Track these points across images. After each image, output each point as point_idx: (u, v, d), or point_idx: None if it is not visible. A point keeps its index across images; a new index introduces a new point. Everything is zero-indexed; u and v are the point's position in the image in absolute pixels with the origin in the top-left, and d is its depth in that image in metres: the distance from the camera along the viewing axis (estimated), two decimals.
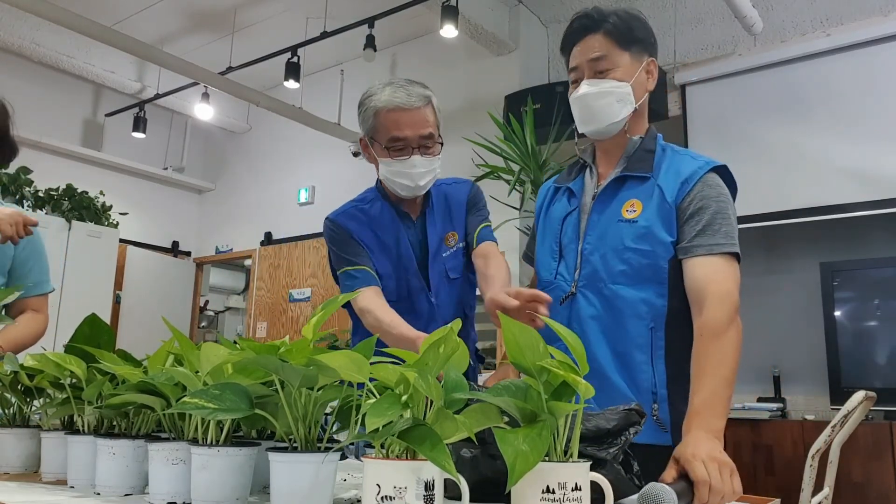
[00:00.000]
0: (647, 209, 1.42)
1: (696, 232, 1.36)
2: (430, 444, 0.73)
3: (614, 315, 1.40)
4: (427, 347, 0.80)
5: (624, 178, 1.47)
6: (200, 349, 0.92)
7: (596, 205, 1.49)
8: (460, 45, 5.35)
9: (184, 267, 7.11)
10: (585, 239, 1.47)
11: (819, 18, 4.18)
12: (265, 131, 6.88)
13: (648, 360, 1.37)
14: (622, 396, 1.34)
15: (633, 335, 1.38)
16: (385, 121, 1.75)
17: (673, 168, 1.45)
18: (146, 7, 5.51)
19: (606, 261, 1.42)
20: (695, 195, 1.39)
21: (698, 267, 1.35)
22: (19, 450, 1.25)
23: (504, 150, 4.10)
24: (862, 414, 2.08)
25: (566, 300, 1.46)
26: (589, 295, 1.44)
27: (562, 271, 1.50)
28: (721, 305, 1.28)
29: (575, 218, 1.52)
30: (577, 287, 1.45)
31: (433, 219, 1.92)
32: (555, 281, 1.50)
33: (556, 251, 1.53)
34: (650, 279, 1.39)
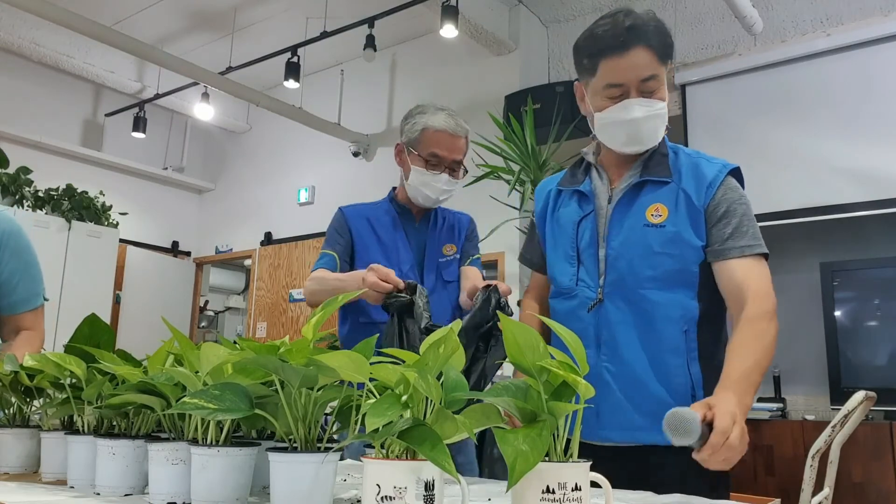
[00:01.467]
0: (674, 213, 1.40)
1: (727, 235, 1.38)
2: (430, 444, 0.73)
3: (646, 320, 1.38)
4: (427, 347, 0.80)
5: (644, 181, 1.45)
6: (200, 349, 0.92)
7: (616, 209, 1.46)
8: (460, 45, 5.35)
9: (184, 267, 7.11)
10: (609, 244, 1.44)
11: (819, 18, 4.18)
12: (265, 131, 6.88)
13: (684, 363, 1.37)
14: (659, 402, 1.33)
15: (666, 339, 1.37)
16: (431, 138, 2.01)
17: (693, 172, 1.44)
18: (146, 7, 5.51)
19: (634, 266, 1.40)
20: (720, 198, 1.40)
21: (734, 269, 1.36)
22: (19, 450, 1.25)
23: (504, 150, 4.10)
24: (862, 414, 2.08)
25: (594, 308, 1.43)
26: (617, 301, 1.41)
27: (583, 277, 1.46)
28: (763, 302, 1.32)
29: (592, 222, 1.49)
30: (603, 293, 1.42)
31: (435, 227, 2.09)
32: (577, 287, 1.47)
33: (573, 256, 1.49)
34: (681, 283, 1.39)
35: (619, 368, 1.38)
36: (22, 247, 1.78)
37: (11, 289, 1.76)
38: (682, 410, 1.02)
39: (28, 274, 1.79)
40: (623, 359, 1.38)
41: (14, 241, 1.76)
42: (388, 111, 5.96)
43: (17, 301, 1.78)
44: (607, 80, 1.42)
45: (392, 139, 5.83)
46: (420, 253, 2.04)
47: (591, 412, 1.38)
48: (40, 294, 1.84)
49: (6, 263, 1.74)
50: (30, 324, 1.81)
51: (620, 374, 1.38)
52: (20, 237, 1.78)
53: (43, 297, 1.85)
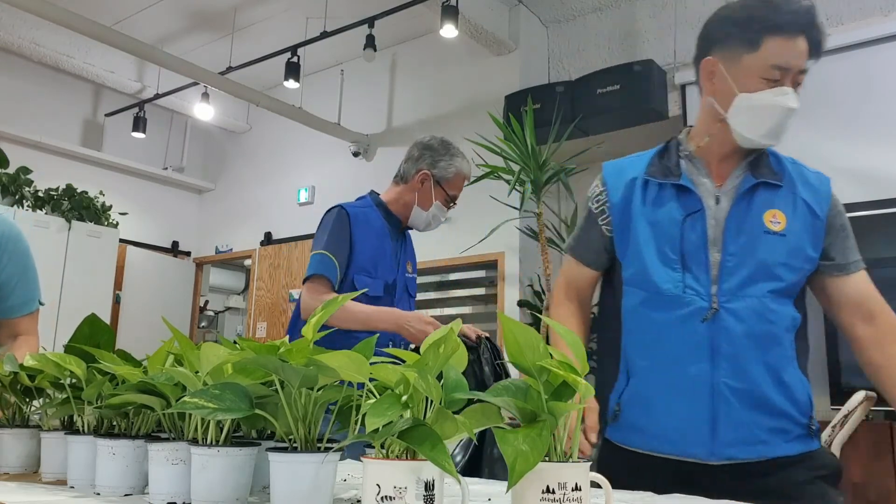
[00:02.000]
0: (792, 222, 1.34)
1: (848, 248, 1.38)
2: (430, 444, 0.73)
3: (767, 332, 1.31)
4: (427, 347, 0.80)
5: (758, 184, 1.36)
6: (200, 349, 0.92)
7: (734, 211, 1.34)
8: (460, 45, 5.35)
9: (184, 267, 7.11)
10: (726, 249, 1.33)
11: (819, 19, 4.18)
12: (265, 131, 6.88)
13: (797, 371, 1.35)
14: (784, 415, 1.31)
15: (784, 350, 1.33)
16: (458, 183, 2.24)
17: (802, 179, 1.39)
18: (146, 7, 5.51)
19: (755, 275, 1.31)
20: (835, 210, 1.39)
21: (860, 282, 1.39)
22: (19, 450, 1.25)
23: (504, 150, 4.10)
24: (862, 414, 2.08)
25: (709, 318, 1.30)
26: (737, 311, 1.30)
27: (691, 284, 1.33)
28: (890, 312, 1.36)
29: (700, 223, 1.35)
30: (718, 302, 1.31)
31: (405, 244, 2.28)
32: (684, 295, 1.33)
33: (675, 260, 1.35)
34: (793, 294, 1.36)
35: (741, 384, 1.30)
36: (21, 251, 1.77)
37: (9, 292, 1.75)
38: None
39: (26, 277, 1.79)
40: (746, 373, 1.30)
41: (13, 244, 1.75)
42: (388, 111, 5.96)
43: (14, 305, 1.78)
44: (774, 61, 1.29)
45: (392, 139, 5.83)
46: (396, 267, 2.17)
47: (705, 429, 1.30)
48: (36, 299, 1.83)
49: (4, 266, 1.73)
50: (25, 328, 1.81)
51: (743, 389, 1.29)
52: (19, 241, 1.78)
53: (39, 302, 1.85)
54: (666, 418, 1.33)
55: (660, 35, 4.67)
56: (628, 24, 4.90)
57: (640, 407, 1.37)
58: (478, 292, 5.23)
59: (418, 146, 2.34)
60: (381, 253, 2.12)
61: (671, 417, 1.33)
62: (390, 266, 2.14)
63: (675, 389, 1.33)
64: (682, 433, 1.32)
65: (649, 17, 4.76)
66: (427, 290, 5.53)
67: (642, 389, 1.37)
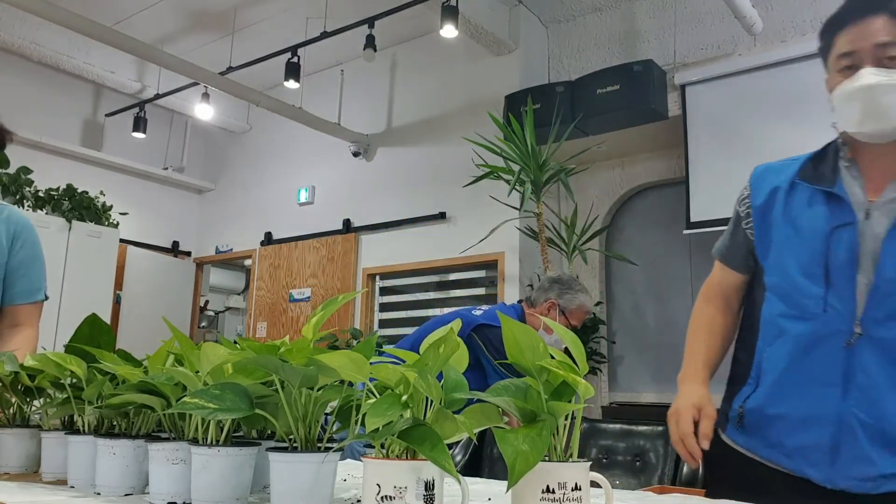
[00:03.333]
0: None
1: None
2: (430, 444, 0.73)
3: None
4: (427, 347, 0.80)
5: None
6: (200, 349, 0.92)
7: (893, 232, 1.20)
8: (460, 45, 5.35)
9: (184, 267, 7.11)
10: (881, 273, 1.20)
11: (819, 18, 4.18)
12: (265, 131, 6.88)
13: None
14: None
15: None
16: (580, 315, 2.63)
17: None
18: (146, 7, 5.51)
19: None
20: None
21: None
22: (19, 450, 1.25)
23: (504, 150, 4.10)
24: None
25: (853, 342, 1.21)
26: (883, 341, 1.20)
27: (833, 303, 1.23)
28: None
29: (849, 237, 1.23)
30: (862, 329, 1.20)
31: None
32: (824, 314, 1.24)
33: (818, 273, 1.25)
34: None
35: (872, 419, 1.21)
36: (33, 240, 1.87)
37: (17, 278, 1.84)
38: None
39: (34, 266, 1.88)
40: (879, 409, 1.21)
41: (27, 233, 1.86)
42: (388, 111, 5.96)
43: (21, 291, 1.84)
44: (839, 51, 1.26)
45: (392, 139, 5.83)
46: None
47: (826, 456, 1.24)
48: (42, 290, 1.90)
49: (17, 252, 1.83)
50: (27, 318, 1.86)
51: (873, 425, 1.21)
52: (32, 231, 1.88)
53: (44, 294, 1.91)
54: (788, 435, 1.28)
55: (660, 35, 4.67)
56: (628, 24, 4.90)
57: (764, 416, 1.32)
58: (478, 292, 5.23)
59: (549, 279, 2.73)
60: None
61: (793, 435, 1.28)
62: None
63: (801, 408, 1.27)
64: (803, 453, 1.27)
65: (649, 17, 4.76)
66: (427, 290, 5.53)
67: (769, 400, 1.32)
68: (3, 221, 1.82)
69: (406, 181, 5.62)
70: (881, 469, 1.20)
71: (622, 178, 5.11)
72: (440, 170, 5.40)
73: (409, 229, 5.51)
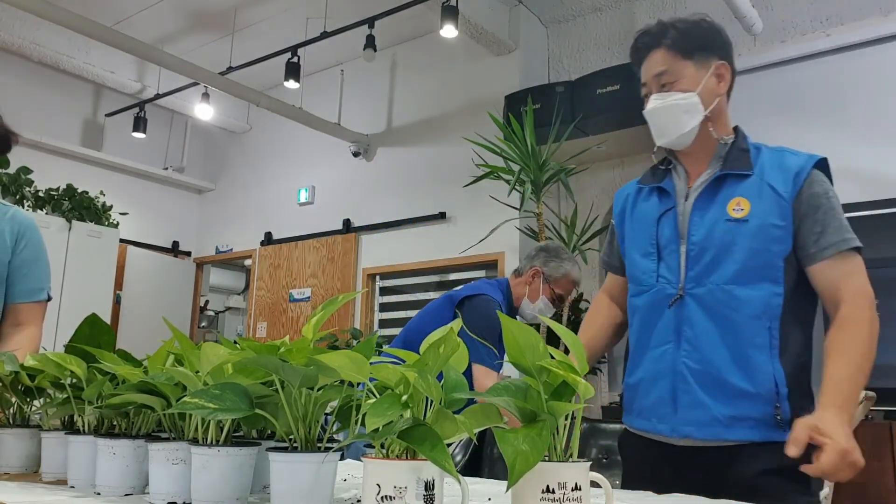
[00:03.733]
0: (757, 207, 1.39)
1: (817, 235, 1.37)
2: (430, 444, 0.73)
3: (729, 316, 1.37)
4: (427, 347, 0.80)
5: (724, 176, 1.44)
6: (201, 349, 0.92)
7: (697, 204, 1.45)
8: (460, 45, 5.35)
9: (184, 267, 7.11)
10: (690, 239, 1.43)
11: (819, 18, 4.18)
12: (265, 131, 6.88)
13: (767, 359, 1.35)
14: (743, 398, 1.34)
15: (750, 335, 1.36)
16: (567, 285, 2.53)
17: (777, 164, 1.43)
18: (146, 7, 5.51)
19: (717, 261, 1.39)
20: (806, 192, 1.38)
21: (828, 269, 1.37)
22: (19, 450, 1.25)
23: (504, 150, 4.10)
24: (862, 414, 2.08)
25: (675, 303, 1.42)
26: (699, 296, 1.40)
27: (664, 273, 1.46)
28: (858, 302, 1.34)
29: (672, 218, 1.48)
30: (684, 289, 1.42)
31: None
32: (657, 284, 1.46)
33: (652, 253, 1.49)
34: (765, 277, 1.37)
35: (699, 365, 1.38)
36: (37, 241, 1.90)
37: (21, 276, 1.85)
38: None
39: (38, 266, 1.90)
40: (704, 355, 1.38)
41: (31, 233, 1.89)
42: (388, 111, 5.96)
43: (24, 290, 1.86)
44: (642, 82, 1.52)
45: (392, 139, 5.83)
46: None
47: (669, 407, 1.40)
48: (45, 289, 1.91)
49: (21, 251, 1.85)
50: (31, 318, 1.87)
51: (701, 370, 1.37)
52: (36, 232, 1.91)
53: (47, 295, 1.93)
54: (644, 398, 1.46)
55: None
56: (628, 24, 4.90)
57: (631, 389, 1.51)
58: None
59: (536, 247, 2.64)
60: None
61: (647, 397, 1.45)
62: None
63: (650, 371, 1.45)
64: (654, 411, 1.44)
65: (649, 17, 4.75)
66: (427, 290, 5.53)
67: (630, 372, 1.52)
68: (8, 221, 1.84)
69: (406, 181, 5.62)
70: (713, 412, 1.35)
71: (622, 178, 5.11)
72: (440, 170, 5.40)
73: (409, 229, 5.50)
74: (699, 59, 1.47)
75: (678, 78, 1.46)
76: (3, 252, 1.82)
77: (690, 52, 1.46)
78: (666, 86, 1.46)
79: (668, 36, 1.46)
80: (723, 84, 1.50)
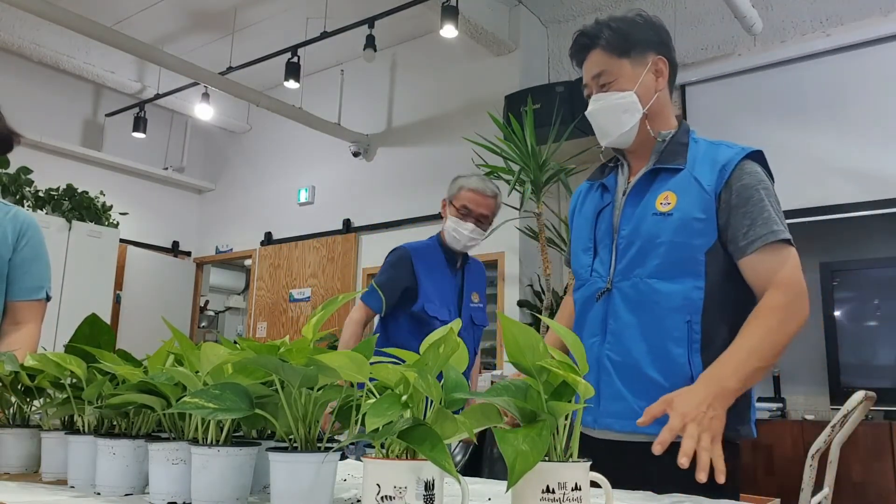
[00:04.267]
0: (682, 201, 1.40)
1: (746, 227, 1.35)
2: (430, 444, 0.73)
3: (650, 309, 1.39)
4: (427, 347, 0.80)
5: (656, 171, 1.46)
6: (200, 349, 0.92)
7: (629, 199, 1.47)
8: (460, 45, 5.35)
9: (184, 267, 7.11)
10: (619, 233, 1.46)
11: (819, 18, 4.18)
12: (265, 131, 6.88)
13: (685, 353, 1.36)
14: (658, 390, 1.33)
15: (669, 329, 1.37)
16: (465, 195, 2.56)
17: (708, 157, 1.43)
18: (146, 7, 5.51)
19: (642, 255, 1.41)
20: (736, 185, 1.37)
21: (756, 263, 1.35)
22: (19, 450, 1.25)
23: (504, 150, 4.10)
24: (862, 414, 2.08)
25: (602, 296, 1.45)
26: (625, 289, 1.42)
27: (597, 267, 1.49)
28: (782, 289, 1.31)
29: (608, 213, 1.51)
30: (612, 283, 1.44)
31: (469, 276, 2.67)
32: (590, 278, 1.50)
33: (590, 247, 1.52)
34: (687, 272, 1.37)
35: (620, 357, 1.40)
36: (38, 240, 1.91)
37: (21, 274, 1.87)
38: None
39: (38, 264, 1.91)
40: (625, 347, 1.40)
41: (32, 232, 1.90)
42: (388, 111, 5.96)
43: (24, 288, 1.87)
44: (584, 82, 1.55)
45: (392, 139, 5.83)
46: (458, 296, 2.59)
47: (594, 399, 1.41)
48: (45, 288, 1.92)
49: (21, 250, 1.86)
50: (29, 316, 1.88)
51: (621, 362, 1.40)
52: (38, 231, 1.92)
53: (47, 294, 1.93)
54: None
55: None
56: None
57: None
58: None
59: None
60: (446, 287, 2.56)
61: None
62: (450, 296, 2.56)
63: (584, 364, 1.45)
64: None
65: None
66: None
67: None
68: (10, 219, 1.86)
69: (406, 181, 5.62)
70: (632, 404, 1.36)
71: None
72: (440, 170, 5.40)
73: (409, 229, 5.50)
74: (635, 56, 1.47)
75: (615, 78, 1.47)
76: (5, 248, 1.83)
77: (626, 51, 1.47)
78: (605, 86, 1.48)
79: (603, 36, 1.48)
80: (661, 79, 1.50)
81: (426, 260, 2.56)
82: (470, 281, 2.67)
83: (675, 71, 1.54)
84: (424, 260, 2.55)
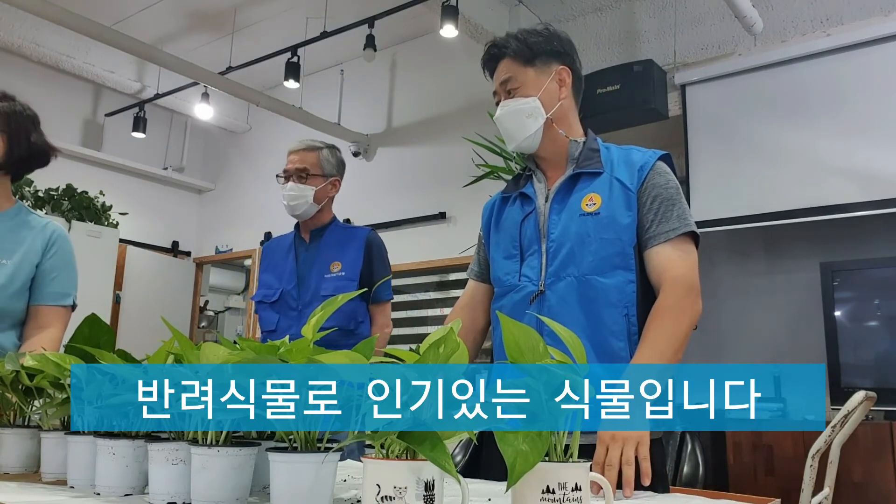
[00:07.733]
0: (607, 200, 1.48)
1: (650, 222, 1.45)
2: (430, 444, 0.73)
3: (588, 305, 1.43)
4: (427, 347, 0.80)
5: (577, 175, 1.53)
6: (200, 349, 0.92)
7: (554, 204, 1.53)
8: (460, 45, 5.35)
9: (184, 267, 7.11)
10: (549, 237, 1.50)
11: (819, 18, 4.18)
12: (265, 131, 6.88)
13: (626, 346, 1.40)
14: None
15: (608, 323, 1.42)
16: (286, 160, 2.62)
17: (625, 160, 1.53)
18: (146, 7, 5.51)
19: (574, 254, 1.46)
20: (648, 184, 1.48)
21: (656, 256, 1.44)
22: (19, 450, 1.25)
23: (504, 149, 4.10)
24: (862, 414, 2.08)
25: (535, 298, 1.48)
26: (559, 289, 1.46)
27: (526, 272, 1.52)
28: (672, 289, 1.39)
29: (533, 220, 1.56)
30: (544, 285, 1.48)
31: (326, 246, 2.51)
32: (519, 283, 1.53)
33: (515, 254, 1.56)
34: (619, 266, 1.44)
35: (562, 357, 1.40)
36: (67, 250, 2.00)
37: (49, 281, 1.93)
38: None
39: (66, 273, 1.98)
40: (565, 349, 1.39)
41: (62, 242, 1.99)
42: (388, 111, 5.96)
43: (50, 293, 1.93)
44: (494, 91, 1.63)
45: (392, 139, 5.83)
46: (306, 269, 2.45)
47: None
48: (70, 296, 1.98)
49: (50, 258, 1.94)
50: (52, 320, 1.92)
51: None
52: (66, 242, 2.01)
53: (72, 302, 1.99)
54: None
55: (660, 35, 4.67)
56: (628, 24, 4.90)
57: None
58: None
59: None
60: (280, 268, 2.51)
61: None
62: (289, 275, 2.45)
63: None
64: None
65: (649, 17, 4.75)
66: (427, 290, 5.53)
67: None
68: (42, 230, 1.97)
69: (406, 181, 5.62)
70: None
71: None
72: (440, 170, 5.40)
73: (408, 229, 5.50)
74: (540, 65, 1.56)
75: (520, 84, 1.56)
76: (34, 254, 1.91)
77: (531, 60, 1.56)
78: (511, 92, 1.57)
79: (511, 46, 1.56)
80: (564, 88, 1.57)
81: (271, 250, 2.63)
82: (327, 250, 2.50)
83: (579, 81, 1.62)
84: (270, 250, 2.63)
